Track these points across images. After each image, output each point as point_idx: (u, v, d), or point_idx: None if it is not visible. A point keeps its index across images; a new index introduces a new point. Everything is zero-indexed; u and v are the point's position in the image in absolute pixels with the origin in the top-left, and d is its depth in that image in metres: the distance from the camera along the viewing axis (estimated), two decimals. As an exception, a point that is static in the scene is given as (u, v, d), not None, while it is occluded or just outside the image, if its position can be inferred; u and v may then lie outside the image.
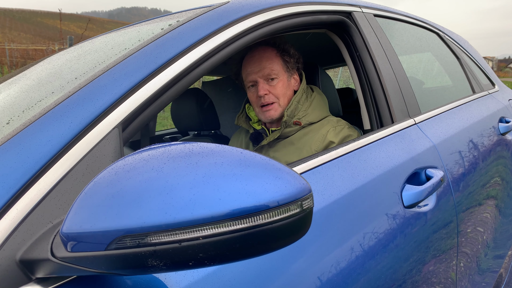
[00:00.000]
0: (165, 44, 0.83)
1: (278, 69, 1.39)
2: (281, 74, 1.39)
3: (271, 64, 1.38)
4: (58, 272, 0.52)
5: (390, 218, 0.99)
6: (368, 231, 0.93)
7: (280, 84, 1.38)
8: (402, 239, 1.01)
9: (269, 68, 1.38)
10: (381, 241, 0.95)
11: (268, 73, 1.38)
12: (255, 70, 1.39)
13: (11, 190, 0.55)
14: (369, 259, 0.90)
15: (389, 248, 0.97)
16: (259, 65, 1.39)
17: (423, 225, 1.10)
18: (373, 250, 0.92)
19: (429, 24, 1.95)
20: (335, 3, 1.31)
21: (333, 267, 0.82)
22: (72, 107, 0.66)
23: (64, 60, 1.07)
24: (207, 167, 0.48)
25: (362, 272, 0.88)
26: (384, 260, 0.95)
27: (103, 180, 0.50)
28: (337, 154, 0.99)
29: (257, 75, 1.38)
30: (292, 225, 0.47)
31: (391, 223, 0.99)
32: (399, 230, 1.00)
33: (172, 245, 0.45)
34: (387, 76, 1.32)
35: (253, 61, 1.40)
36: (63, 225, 0.49)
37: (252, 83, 1.40)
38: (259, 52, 1.41)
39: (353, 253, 0.87)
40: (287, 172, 0.49)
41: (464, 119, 1.60)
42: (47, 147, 0.60)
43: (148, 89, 0.74)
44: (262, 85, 1.37)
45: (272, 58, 1.39)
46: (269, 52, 1.41)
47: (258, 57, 1.40)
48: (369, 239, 0.92)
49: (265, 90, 1.37)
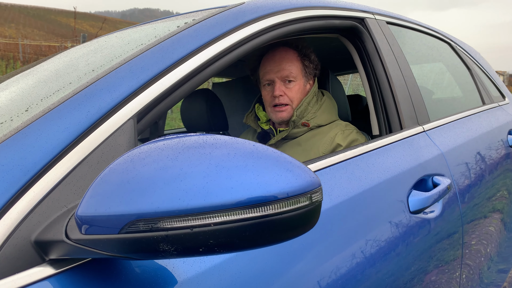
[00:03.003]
0: (181, 40, 0.85)
1: (296, 72, 1.40)
2: (299, 78, 1.41)
3: (290, 66, 1.40)
4: (71, 254, 0.53)
5: (396, 222, 0.99)
6: (374, 234, 0.94)
7: (296, 87, 1.40)
8: (407, 244, 1.01)
9: (288, 70, 1.39)
10: (386, 245, 0.95)
11: (286, 74, 1.39)
12: (274, 69, 1.40)
13: (28, 173, 0.57)
14: (373, 263, 0.91)
15: (394, 253, 0.97)
16: (279, 65, 1.40)
17: (428, 231, 1.10)
18: (377, 254, 0.93)
19: (441, 34, 1.96)
20: (348, 8, 1.32)
21: (337, 267, 0.83)
22: (90, 96, 0.68)
23: (81, 54, 1.09)
24: (220, 157, 0.49)
25: (364, 275, 0.89)
26: (389, 264, 0.95)
27: (119, 166, 0.51)
28: (345, 157, 1.00)
29: (275, 75, 1.40)
30: (301, 217, 0.48)
31: (397, 227, 0.99)
32: (404, 234, 1.01)
33: (184, 230, 0.46)
34: (398, 82, 1.33)
35: (273, 61, 1.42)
36: (78, 208, 0.51)
37: (269, 82, 1.42)
38: (281, 52, 1.42)
39: (358, 256, 0.88)
40: (297, 165, 0.50)
41: (473, 129, 1.60)
42: (65, 134, 0.62)
43: (163, 83, 0.76)
44: (278, 85, 1.39)
45: (292, 60, 1.41)
46: (290, 54, 1.42)
47: (279, 57, 1.41)
48: (374, 242, 0.93)
49: (281, 91, 1.38)
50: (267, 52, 1.46)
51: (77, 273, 0.56)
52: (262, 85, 1.45)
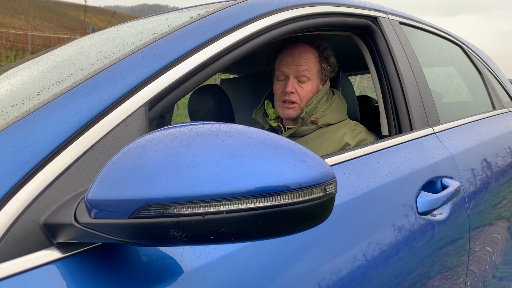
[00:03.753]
0: (195, 30, 0.84)
1: (313, 72, 1.39)
2: (314, 78, 1.39)
3: (308, 65, 1.38)
4: (79, 238, 0.53)
5: (404, 222, 0.98)
6: (381, 233, 0.93)
7: (309, 87, 1.38)
8: (415, 244, 1.00)
9: (305, 68, 1.38)
10: (393, 244, 0.94)
11: (302, 71, 1.38)
12: (291, 64, 1.39)
13: (39, 156, 0.57)
14: (379, 262, 0.90)
15: (401, 253, 0.96)
16: (298, 61, 1.38)
17: (435, 234, 1.09)
18: (384, 254, 0.92)
19: (454, 36, 1.94)
20: (362, 7, 1.31)
21: (344, 264, 0.82)
22: (102, 82, 0.68)
23: (92, 42, 1.09)
24: (234, 145, 0.49)
25: (377, 271, 0.88)
26: (396, 264, 0.94)
27: (131, 151, 0.51)
28: (355, 155, 0.99)
29: (291, 70, 1.38)
30: (314, 208, 0.47)
31: (404, 227, 0.98)
32: (412, 235, 1.00)
33: (195, 217, 0.45)
34: (409, 83, 1.32)
35: (292, 55, 1.40)
36: (88, 192, 0.50)
37: (284, 76, 1.40)
38: (301, 49, 1.41)
39: (365, 254, 0.87)
40: (312, 156, 0.49)
41: (483, 134, 1.58)
42: (76, 118, 0.62)
43: (176, 72, 0.75)
44: (292, 82, 1.37)
45: (311, 60, 1.39)
46: (310, 53, 1.41)
47: (298, 53, 1.40)
48: (381, 241, 0.92)
49: (293, 89, 1.37)
50: (288, 45, 1.45)
51: (84, 258, 0.55)
52: (276, 76, 1.44)
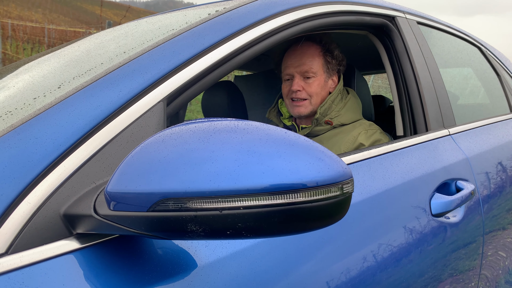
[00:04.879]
0: (213, 27, 0.85)
1: (317, 68, 1.38)
2: (320, 73, 1.39)
3: (311, 62, 1.38)
4: (98, 229, 0.54)
5: (417, 223, 0.98)
6: (393, 234, 0.93)
7: (316, 83, 1.38)
8: (426, 247, 1.00)
9: (308, 66, 1.38)
10: (404, 246, 0.94)
11: (306, 70, 1.38)
12: (295, 64, 1.39)
13: (60, 148, 0.58)
14: (390, 264, 0.90)
15: (412, 255, 0.96)
16: (300, 60, 1.39)
17: (448, 236, 1.08)
18: (394, 255, 0.91)
19: (472, 37, 1.92)
20: (380, 6, 1.30)
21: (355, 265, 0.82)
22: (122, 77, 0.69)
23: (111, 37, 1.10)
24: (252, 142, 0.49)
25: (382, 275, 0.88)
26: (407, 266, 0.94)
27: (151, 145, 0.52)
28: (369, 155, 0.99)
29: (295, 70, 1.39)
30: (331, 207, 0.48)
31: (417, 229, 0.98)
32: (424, 237, 0.99)
33: (213, 212, 0.46)
34: (426, 84, 1.31)
35: (294, 55, 1.41)
36: (108, 184, 0.51)
37: (289, 76, 1.41)
38: (303, 47, 1.41)
39: (376, 255, 0.87)
40: (329, 155, 0.49)
41: (499, 137, 1.56)
42: (97, 112, 0.63)
43: (194, 68, 0.76)
44: (297, 80, 1.38)
45: (314, 56, 1.39)
46: (312, 49, 1.40)
47: (300, 51, 1.40)
48: (393, 242, 0.92)
49: (299, 86, 1.37)
50: (290, 46, 1.45)
51: (101, 249, 0.57)
52: (283, 78, 1.44)
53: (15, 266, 0.50)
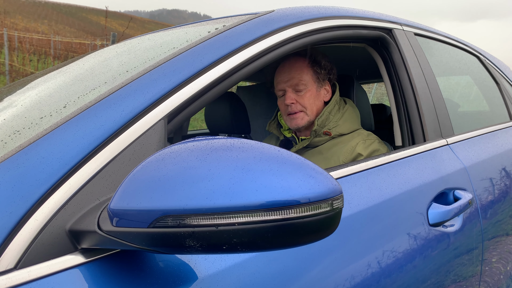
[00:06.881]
0: (212, 46, 0.88)
1: (307, 79, 1.42)
2: (310, 84, 1.42)
3: (300, 74, 1.41)
4: (102, 244, 0.56)
5: (415, 234, 1.00)
6: (391, 245, 0.94)
7: (308, 94, 1.41)
8: (425, 256, 1.01)
9: (297, 79, 1.41)
10: (403, 256, 0.96)
11: (296, 83, 1.41)
12: (285, 79, 1.43)
13: (66, 166, 0.61)
14: (389, 274, 0.92)
15: (411, 265, 0.98)
16: (289, 74, 1.42)
17: (447, 245, 1.10)
18: (393, 265, 0.93)
19: (470, 46, 1.94)
20: (376, 19, 1.33)
21: (353, 276, 0.84)
22: (125, 96, 0.72)
23: (114, 54, 1.14)
24: (246, 160, 0.52)
25: (380, 285, 0.89)
26: (405, 276, 0.95)
27: (151, 164, 0.54)
28: (366, 166, 1.01)
29: (285, 84, 1.42)
30: (322, 222, 0.50)
31: (415, 239, 0.99)
32: (422, 246, 1.01)
33: (209, 228, 0.48)
34: (423, 94, 1.33)
35: (283, 71, 1.45)
36: (111, 202, 0.54)
37: (282, 92, 1.45)
38: (290, 62, 1.45)
39: (374, 265, 0.89)
40: (320, 172, 0.52)
41: (498, 145, 1.58)
42: (100, 131, 0.66)
43: (193, 86, 0.79)
44: (289, 94, 1.41)
45: (302, 68, 1.43)
46: (300, 62, 1.44)
47: (288, 66, 1.44)
48: (391, 253, 0.93)
49: (292, 99, 1.41)
50: (279, 64, 1.48)
51: (105, 263, 0.59)
52: (277, 96, 1.48)
53: (24, 281, 0.52)
